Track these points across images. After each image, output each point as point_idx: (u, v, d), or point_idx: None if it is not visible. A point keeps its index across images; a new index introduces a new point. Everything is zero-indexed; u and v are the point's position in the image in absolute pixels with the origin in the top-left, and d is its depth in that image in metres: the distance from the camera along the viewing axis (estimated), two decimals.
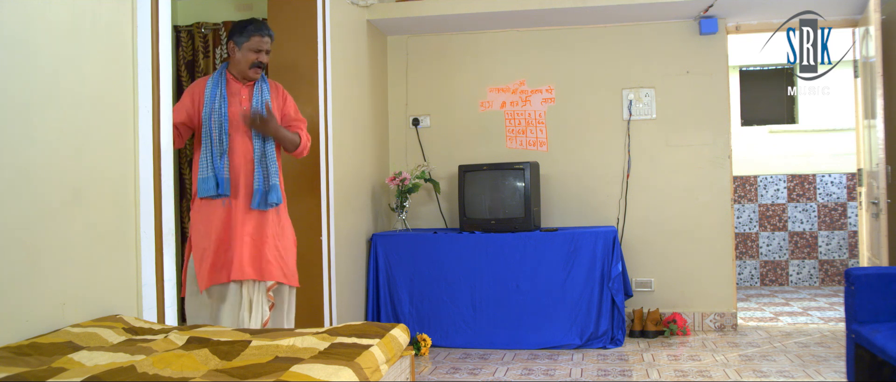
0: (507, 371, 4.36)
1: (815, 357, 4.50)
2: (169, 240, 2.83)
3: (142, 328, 2.49)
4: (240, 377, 2.05)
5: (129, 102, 2.63)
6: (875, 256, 4.87)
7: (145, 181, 2.69)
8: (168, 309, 2.84)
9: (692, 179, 5.39)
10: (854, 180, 7.31)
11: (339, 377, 2.06)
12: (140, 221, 2.67)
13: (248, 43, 3.51)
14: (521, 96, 5.58)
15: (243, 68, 3.53)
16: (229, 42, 3.55)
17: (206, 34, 5.00)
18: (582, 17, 5.30)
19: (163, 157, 2.76)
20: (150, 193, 2.71)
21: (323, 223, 4.25)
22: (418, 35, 5.71)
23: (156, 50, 2.72)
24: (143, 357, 2.12)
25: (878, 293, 3.39)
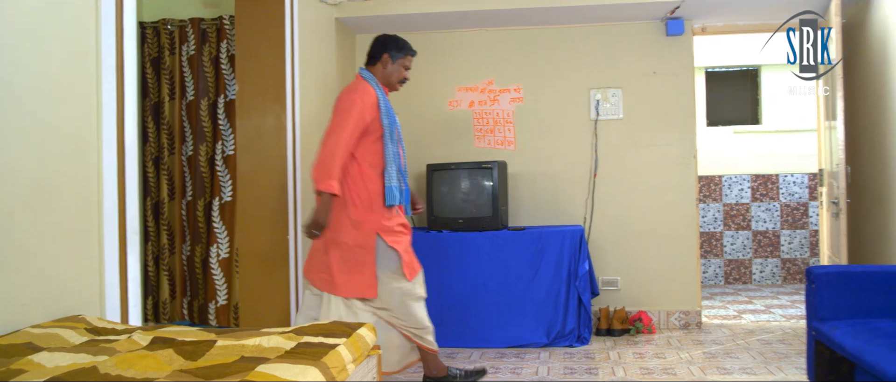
0: None
1: (777, 354, 4.57)
2: (133, 239, 2.80)
3: (105, 329, 2.46)
4: (205, 377, 2.03)
5: (92, 98, 2.59)
6: (835, 254, 4.97)
7: (109, 180, 2.65)
8: (132, 309, 2.81)
9: (658, 178, 5.45)
10: (815, 181, 7.44)
11: (305, 376, 2.05)
12: (103, 220, 2.64)
13: (403, 59, 3.81)
14: (489, 96, 5.59)
15: (394, 80, 3.80)
16: (385, 54, 3.76)
17: (173, 31, 4.94)
18: (550, 17, 5.33)
19: (127, 155, 2.73)
20: (114, 191, 2.68)
21: (290, 222, 4.23)
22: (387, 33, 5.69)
23: (120, 46, 2.69)
24: (106, 357, 2.09)
25: (837, 291, 3.45)
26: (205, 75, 4.82)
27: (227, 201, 4.78)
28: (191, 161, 4.88)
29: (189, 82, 4.89)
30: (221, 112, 4.82)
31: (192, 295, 4.92)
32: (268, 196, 4.21)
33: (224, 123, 4.81)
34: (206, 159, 4.84)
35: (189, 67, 4.89)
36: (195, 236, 4.86)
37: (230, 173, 4.79)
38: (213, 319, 4.82)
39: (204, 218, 4.86)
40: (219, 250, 4.79)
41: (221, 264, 4.80)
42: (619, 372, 4.22)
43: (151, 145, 4.95)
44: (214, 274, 4.79)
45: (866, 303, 3.41)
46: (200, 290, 4.89)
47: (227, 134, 4.81)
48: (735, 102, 7.92)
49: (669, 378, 4.08)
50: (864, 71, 5.06)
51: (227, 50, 4.82)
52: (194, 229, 4.86)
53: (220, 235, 4.79)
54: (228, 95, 4.81)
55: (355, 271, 3.59)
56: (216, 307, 4.79)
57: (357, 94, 3.62)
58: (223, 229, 4.79)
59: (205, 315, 4.86)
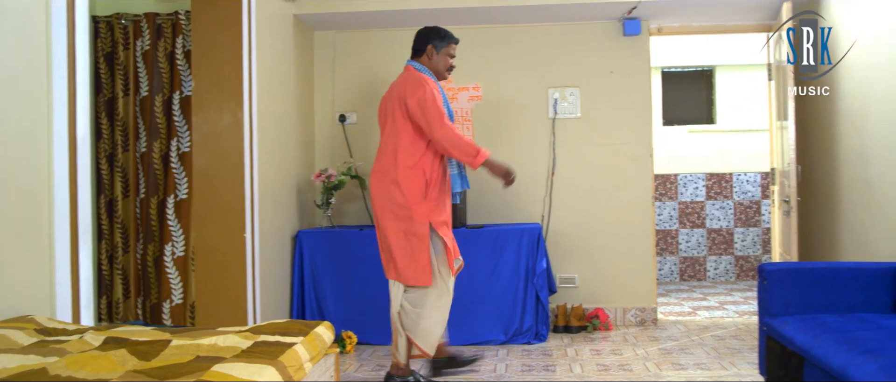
0: None
1: (730, 349, 4.65)
2: (85, 237, 2.75)
3: (55, 329, 2.41)
4: (159, 377, 2.01)
5: (43, 94, 2.54)
6: (786, 251, 5.07)
7: (60, 177, 2.60)
8: (84, 309, 2.76)
9: (615, 177, 5.51)
10: (768, 179, 7.58)
11: (261, 376, 2.03)
12: (54, 217, 2.59)
13: (447, 48, 3.98)
14: (448, 94, 5.59)
15: (441, 70, 3.98)
16: (429, 45, 3.96)
17: (127, 26, 4.86)
18: (509, 15, 5.35)
19: (79, 151, 2.68)
20: (66, 188, 2.63)
21: (246, 220, 4.19)
22: (345, 31, 5.67)
23: (72, 41, 2.64)
24: (56, 358, 2.06)
25: (788, 287, 3.53)
26: (160, 71, 4.75)
27: (183, 198, 4.72)
28: (145, 158, 4.80)
29: (143, 78, 4.81)
30: (177, 109, 4.75)
31: (146, 295, 4.85)
32: (224, 194, 4.16)
33: (180, 120, 4.74)
34: (161, 157, 4.77)
35: (143, 63, 4.82)
36: (149, 235, 4.79)
37: (186, 171, 4.72)
38: (168, 318, 4.75)
39: (158, 216, 4.79)
40: (174, 248, 4.73)
41: (177, 262, 4.73)
42: (577, 369, 4.26)
43: (105, 142, 4.86)
44: (169, 273, 4.73)
45: (815, 299, 3.49)
46: (154, 289, 4.82)
47: (182, 131, 4.75)
48: (690, 102, 8.04)
49: (626, 374, 4.13)
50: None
51: (183, 45, 4.75)
52: (148, 227, 4.78)
53: (175, 233, 4.73)
54: (184, 92, 4.74)
55: (410, 259, 3.75)
56: (171, 306, 4.72)
57: (426, 84, 3.80)
58: (178, 228, 4.73)
59: (159, 315, 4.79)
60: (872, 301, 3.46)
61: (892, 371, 2.40)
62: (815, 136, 5.23)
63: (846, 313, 3.40)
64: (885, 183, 4.18)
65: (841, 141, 4.78)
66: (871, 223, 4.36)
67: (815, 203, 5.28)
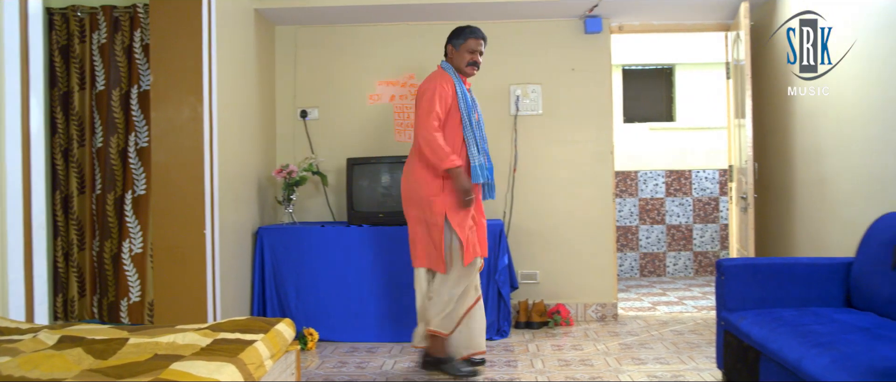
0: (395, 363, 4.37)
1: (689, 344, 4.72)
2: (39, 234, 2.69)
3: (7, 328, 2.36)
4: (116, 376, 1.98)
5: None
6: (743, 247, 5.16)
7: (13, 172, 2.55)
8: (37, 307, 2.71)
9: (576, 173, 5.55)
10: (726, 176, 7.70)
11: (220, 374, 2.01)
12: (6, 214, 2.53)
13: (465, 44, 4.11)
14: (410, 90, 5.59)
15: (462, 66, 4.12)
16: (448, 45, 4.16)
17: (83, 18, 4.77)
18: (471, 12, 5.36)
19: (33, 146, 2.62)
20: (18, 184, 2.57)
21: (206, 216, 4.14)
22: (307, 25, 5.63)
23: (25, 33, 2.58)
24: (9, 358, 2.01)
25: (744, 282, 3.59)
26: (117, 65, 4.67)
27: (141, 194, 4.65)
28: (101, 154, 4.72)
29: (100, 72, 4.73)
30: (135, 103, 4.67)
31: (102, 293, 4.77)
32: (184, 190, 4.11)
33: (138, 115, 4.67)
34: (118, 152, 4.69)
35: (100, 56, 4.73)
36: (106, 232, 4.71)
37: (144, 166, 4.65)
38: (126, 317, 4.68)
39: (115, 213, 4.70)
40: (131, 245, 4.65)
41: (134, 259, 4.66)
42: (538, 364, 4.28)
43: (60, 137, 4.76)
44: (127, 270, 4.65)
45: (771, 294, 3.56)
46: (112, 287, 4.74)
47: (140, 126, 4.67)
48: (650, 100, 8.13)
49: (587, 369, 4.17)
50: (770, 71, 5.26)
51: (141, 39, 4.68)
52: (105, 224, 4.70)
53: (133, 230, 4.65)
54: (142, 86, 4.67)
55: (430, 246, 4.01)
56: (129, 304, 4.65)
57: (435, 81, 4.04)
58: (136, 224, 4.65)
59: (116, 313, 4.71)
60: (826, 296, 3.54)
61: (844, 363, 2.46)
62: (771, 134, 5.32)
63: (801, 307, 3.47)
64: (838, 180, 4.27)
65: (797, 139, 4.88)
66: (825, 220, 4.45)
67: (771, 200, 5.38)
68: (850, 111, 4.11)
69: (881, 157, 3.78)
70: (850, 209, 4.13)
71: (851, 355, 2.51)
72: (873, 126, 3.87)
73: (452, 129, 4.03)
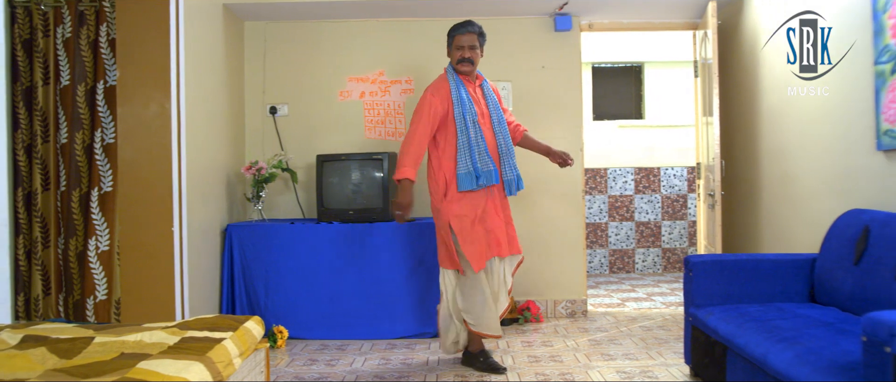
0: (365, 361, 4.37)
1: (658, 339, 4.76)
2: (1, 232, 2.65)
3: None
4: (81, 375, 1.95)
5: None
6: (711, 244, 5.21)
7: None
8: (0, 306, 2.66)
9: (546, 171, 5.56)
10: (694, 174, 7.79)
11: (188, 372, 1.99)
12: None
13: (453, 42, 4.13)
14: (380, 87, 5.58)
15: (455, 65, 4.12)
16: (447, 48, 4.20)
17: (47, 12, 4.68)
18: (441, 9, 5.36)
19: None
20: None
21: (174, 213, 4.10)
22: (276, 21, 5.59)
23: None
24: None
25: (712, 278, 3.63)
26: (82, 60, 4.59)
27: (108, 191, 4.58)
28: (66, 150, 4.65)
29: (64, 67, 4.65)
30: (101, 99, 4.60)
31: (67, 291, 4.69)
32: (151, 187, 4.06)
33: (104, 111, 4.60)
34: (83, 148, 4.62)
35: (65, 51, 4.65)
36: (71, 229, 4.63)
37: (110, 163, 4.58)
38: (92, 315, 4.61)
39: (80, 210, 4.64)
40: (98, 243, 4.59)
41: (101, 257, 4.59)
42: (508, 361, 4.30)
43: (23, 133, 4.67)
44: (93, 268, 4.59)
45: (738, 289, 3.61)
46: (77, 285, 4.67)
47: (107, 122, 4.60)
48: (620, 98, 8.19)
49: (556, 365, 4.19)
50: (737, 70, 5.32)
51: (108, 33, 4.61)
52: (70, 221, 4.63)
53: (99, 227, 4.59)
54: (109, 81, 4.60)
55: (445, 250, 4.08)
56: (95, 302, 4.58)
57: (430, 89, 4.10)
58: (103, 222, 4.59)
59: (82, 312, 4.64)
60: (790, 291, 3.60)
61: (808, 357, 2.50)
62: (738, 132, 5.39)
63: (766, 302, 3.52)
64: (803, 178, 4.34)
65: (763, 137, 4.94)
66: (790, 216, 4.52)
67: (738, 197, 5.45)
68: (813, 112, 4.17)
69: (843, 155, 3.84)
70: (814, 206, 4.20)
71: (815, 349, 2.56)
72: (835, 125, 3.94)
73: (450, 135, 4.06)
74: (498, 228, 4.10)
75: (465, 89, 4.09)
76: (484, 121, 4.11)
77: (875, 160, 3.54)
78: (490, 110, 4.17)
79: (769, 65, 4.74)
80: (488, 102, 4.19)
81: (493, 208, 4.11)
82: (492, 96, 4.23)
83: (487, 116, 4.16)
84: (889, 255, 2.96)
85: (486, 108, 4.16)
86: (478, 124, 4.05)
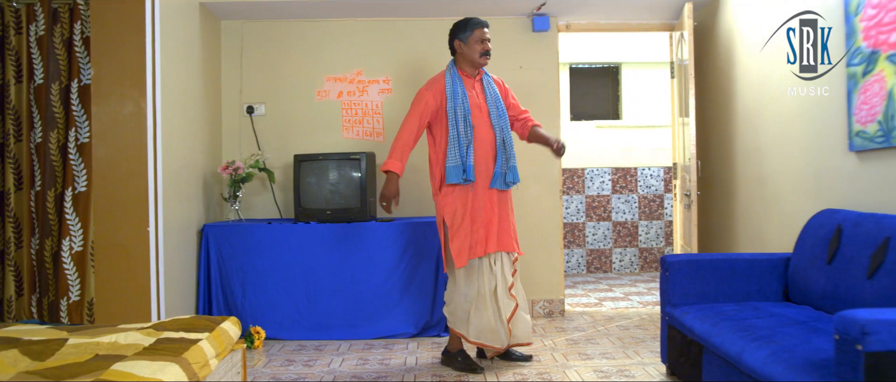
0: (343, 361, 4.35)
1: (635, 339, 4.79)
2: None
3: None
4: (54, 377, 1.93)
5: None
6: (687, 243, 5.26)
7: None
8: None
9: (524, 171, 5.55)
10: (670, 174, 7.84)
11: (164, 374, 1.98)
12: None
13: (472, 35, 4.12)
14: (358, 86, 5.57)
15: (475, 59, 4.13)
16: (455, 41, 4.17)
17: (19, 9, 4.63)
18: (419, 8, 5.36)
19: None
20: None
21: (150, 213, 4.07)
22: (254, 20, 5.56)
23: None
24: None
25: (688, 278, 3.66)
26: (56, 58, 4.54)
27: (82, 191, 4.54)
28: (40, 149, 4.59)
29: (38, 65, 4.60)
30: (75, 97, 4.56)
31: (41, 292, 4.64)
32: (126, 186, 4.03)
33: (78, 109, 4.55)
34: (58, 147, 4.57)
35: (38, 49, 4.60)
36: (45, 229, 4.58)
37: (85, 162, 4.53)
38: (66, 316, 4.56)
39: (54, 210, 4.59)
40: (72, 243, 4.54)
41: (75, 258, 4.55)
42: (485, 361, 4.30)
43: None
44: (67, 269, 4.54)
45: (714, 289, 3.64)
46: (51, 286, 4.62)
47: (81, 121, 4.56)
48: (597, 98, 8.23)
49: (534, 364, 4.20)
50: (713, 71, 5.37)
51: (82, 32, 4.56)
52: (44, 221, 4.58)
53: (73, 227, 4.54)
54: (83, 80, 4.55)
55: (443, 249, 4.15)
56: (68, 303, 4.53)
57: (426, 85, 4.17)
58: (77, 222, 4.54)
59: (56, 313, 4.59)
60: (765, 290, 3.63)
61: (782, 355, 2.52)
62: (714, 132, 5.43)
63: (742, 301, 3.56)
64: (777, 178, 4.39)
65: (738, 138, 4.99)
66: (765, 216, 4.56)
67: (714, 197, 5.49)
68: (788, 113, 4.21)
69: (817, 156, 3.89)
70: (788, 206, 4.24)
71: (789, 347, 2.58)
72: (809, 126, 3.98)
73: (444, 129, 4.10)
74: (488, 224, 4.10)
75: (461, 84, 4.12)
76: (481, 115, 4.13)
77: (848, 161, 3.59)
78: (488, 104, 4.18)
79: (744, 66, 4.78)
80: (487, 95, 4.20)
81: (485, 204, 4.12)
82: (492, 90, 4.23)
83: (485, 110, 4.16)
84: (861, 254, 3.00)
85: (484, 102, 4.18)
86: (470, 119, 4.07)
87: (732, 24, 4.96)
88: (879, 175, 3.35)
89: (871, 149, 3.37)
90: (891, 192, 3.26)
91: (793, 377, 2.37)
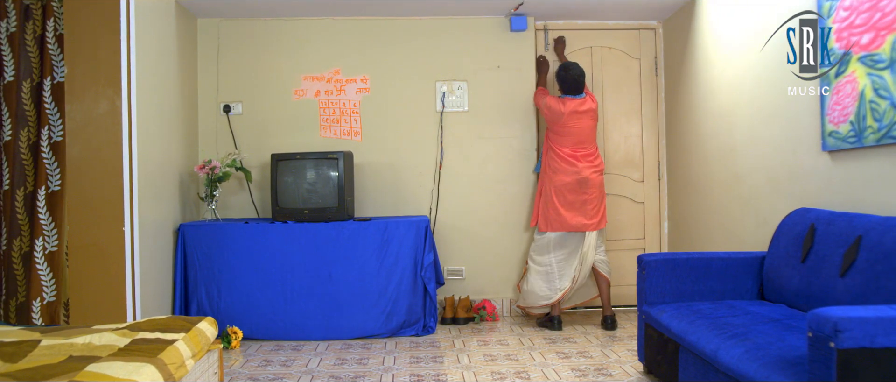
0: (321, 361, 4.34)
1: (612, 337, 4.82)
2: None
3: None
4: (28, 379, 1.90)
5: None
6: (661, 242, 5.29)
7: None
8: None
9: (501, 170, 5.60)
10: None
11: (139, 375, 1.96)
12: None
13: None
14: (335, 85, 5.55)
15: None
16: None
17: None
18: (397, 7, 5.35)
19: None
20: None
21: (125, 212, 4.03)
22: (230, 18, 5.53)
23: None
24: None
25: (664, 277, 3.69)
26: (28, 55, 4.49)
27: (55, 190, 4.48)
28: (8, 147, 4.53)
29: (9, 62, 4.53)
30: (48, 95, 4.50)
31: (10, 294, 4.58)
32: (101, 186, 3.99)
33: (51, 108, 4.50)
34: (29, 146, 4.51)
35: (9, 46, 4.54)
36: (15, 229, 4.52)
37: (58, 161, 4.48)
38: (39, 318, 4.51)
39: (25, 209, 4.52)
40: (45, 243, 4.48)
41: (48, 258, 4.49)
42: (464, 360, 4.31)
43: None
44: (40, 270, 4.48)
45: (690, 287, 3.67)
46: (22, 287, 4.56)
47: (54, 119, 4.50)
48: None
49: (512, 363, 4.22)
50: (688, 71, 5.40)
51: (55, 29, 4.51)
52: (14, 221, 4.51)
53: (46, 227, 4.48)
54: (56, 78, 4.50)
55: None
56: (42, 305, 4.48)
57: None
58: (50, 221, 4.48)
59: (27, 315, 4.53)
60: (740, 289, 3.67)
61: (756, 353, 2.55)
62: (689, 132, 5.47)
63: (717, 300, 3.59)
64: (751, 177, 4.43)
65: (713, 137, 5.02)
66: (741, 215, 4.61)
67: (689, 196, 5.53)
68: (762, 113, 4.25)
69: (791, 156, 3.93)
70: (763, 205, 4.29)
71: (763, 345, 2.61)
72: (783, 127, 4.02)
73: None
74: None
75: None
76: None
77: (821, 161, 3.64)
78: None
79: (720, 67, 4.82)
80: None
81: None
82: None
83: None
84: (834, 253, 3.04)
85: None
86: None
87: (708, 24, 5.00)
88: (852, 175, 3.40)
89: (844, 149, 3.42)
90: (863, 191, 3.31)
91: (767, 374, 2.40)
